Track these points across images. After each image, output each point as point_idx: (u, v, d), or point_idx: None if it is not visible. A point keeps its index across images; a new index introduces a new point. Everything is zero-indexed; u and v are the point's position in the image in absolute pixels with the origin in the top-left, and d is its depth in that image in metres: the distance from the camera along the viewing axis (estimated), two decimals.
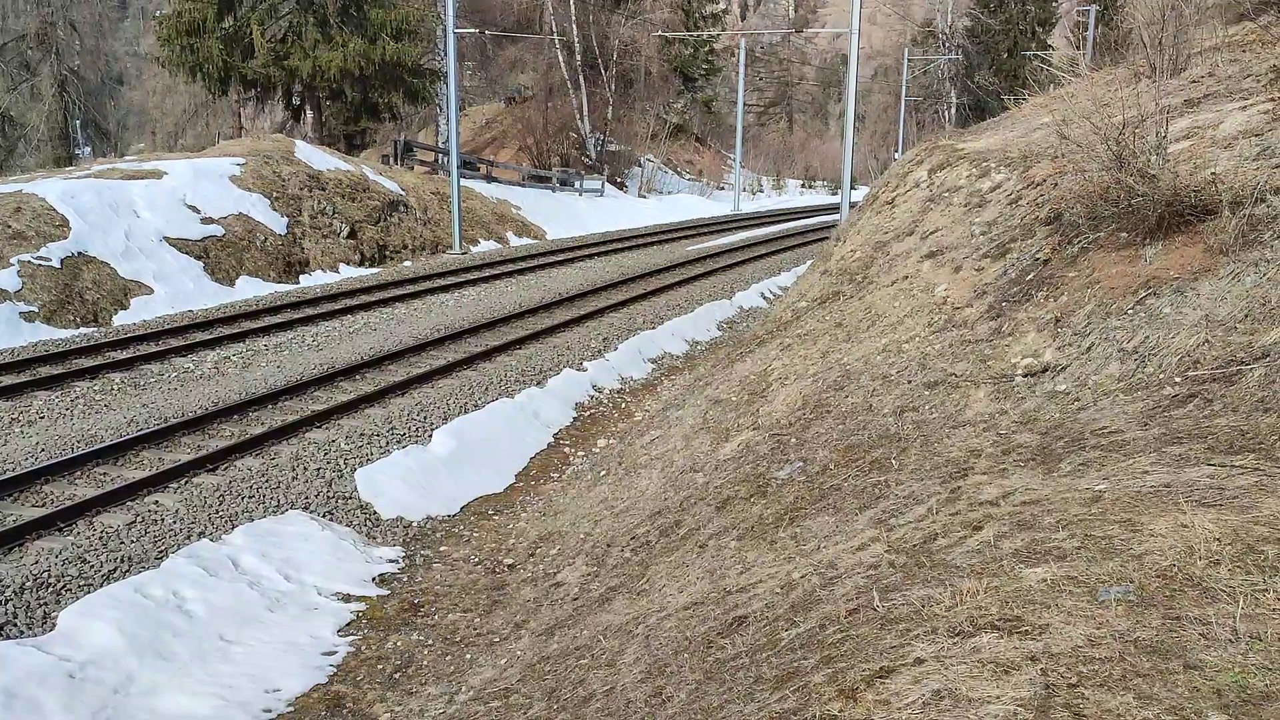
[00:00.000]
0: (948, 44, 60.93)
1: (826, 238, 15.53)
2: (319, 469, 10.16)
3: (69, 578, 7.64)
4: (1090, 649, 2.92)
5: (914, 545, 4.39)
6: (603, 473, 10.16)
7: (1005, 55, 55.12)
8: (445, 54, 27.79)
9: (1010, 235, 8.56)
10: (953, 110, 60.97)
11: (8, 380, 12.32)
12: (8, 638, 6.80)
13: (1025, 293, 7.38)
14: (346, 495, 9.82)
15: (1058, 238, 7.68)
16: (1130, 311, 6.11)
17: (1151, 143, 6.68)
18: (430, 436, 11.22)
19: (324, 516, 9.30)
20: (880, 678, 3.11)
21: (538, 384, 13.53)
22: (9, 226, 16.70)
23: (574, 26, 46.37)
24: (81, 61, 40.94)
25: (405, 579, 8.47)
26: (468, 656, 6.94)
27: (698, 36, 54.20)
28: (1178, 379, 5.23)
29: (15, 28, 39.27)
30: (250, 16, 31.24)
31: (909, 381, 7.19)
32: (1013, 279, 7.76)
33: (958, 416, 6.20)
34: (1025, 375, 6.34)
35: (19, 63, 39.00)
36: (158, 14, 37.46)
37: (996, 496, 4.53)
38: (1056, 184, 8.56)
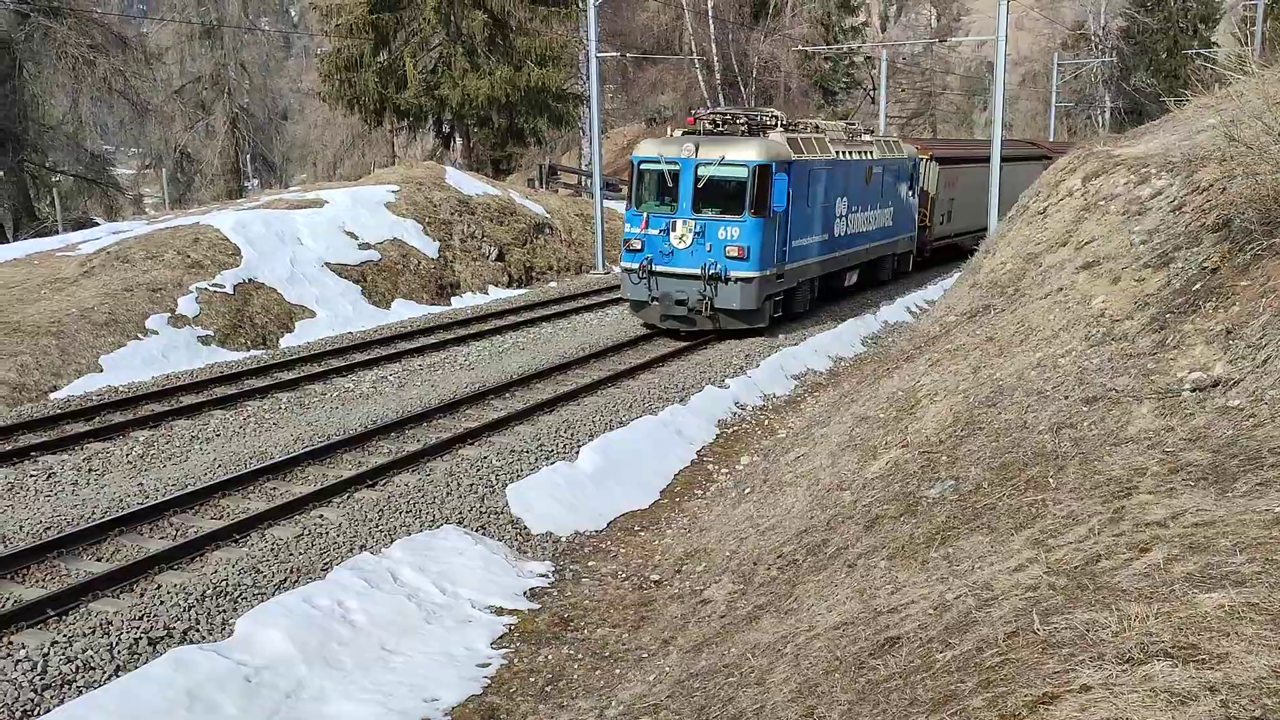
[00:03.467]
0: (1101, 46, 58.44)
1: (975, 249, 15.12)
2: (471, 485, 10.49)
3: (244, 587, 8.12)
4: (1275, 680, 2.77)
5: (1075, 567, 4.24)
6: (747, 490, 10.14)
7: (1164, 55, 52.54)
8: (587, 78, 28.38)
9: (1174, 243, 8.16)
10: (1107, 115, 58.37)
11: (188, 400, 13.21)
12: (191, 642, 7.27)
13: (1191, 303, 7.02)
14: (498, 510, 10.10)
15: (1227, 245, 7.28)
16: None
17: None
18: (577, 453, 11.43)
19: (476, 531, 9.59)
20: (1044, 704, 3.02)
21: (680, 401, 13.61)
22: (188, 256, 17.91)
23: (713, 45, 46.59)
24: (251, 99, 43.61)
25: (555, 593, 8.65)
26: (617, 671, 7.03)
27: (838, 50, 53.58)
28: None
29: (192, 70, 42.14)
30: (403, 50, 32.64)
31: (1066, 397, 6.93)
32: (1177, 289, 7.40)
33: (1119, 433, 5.94)
34: (1193, 390, 6.03)
35: (195, 103, 41.85)
36: (319, 52, 39.61)
37: (1165, 517, 4.33)
38: (1225, 188, 8.12)
